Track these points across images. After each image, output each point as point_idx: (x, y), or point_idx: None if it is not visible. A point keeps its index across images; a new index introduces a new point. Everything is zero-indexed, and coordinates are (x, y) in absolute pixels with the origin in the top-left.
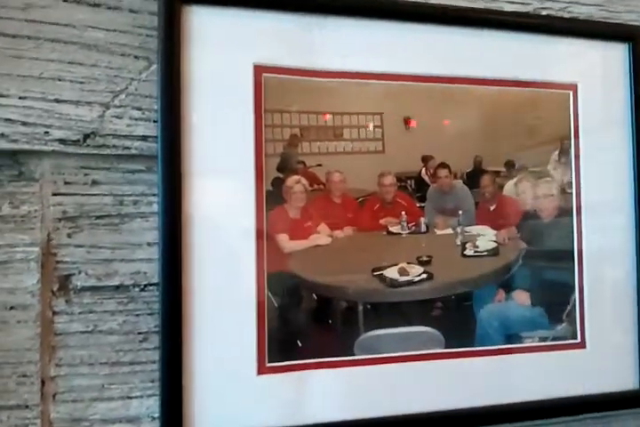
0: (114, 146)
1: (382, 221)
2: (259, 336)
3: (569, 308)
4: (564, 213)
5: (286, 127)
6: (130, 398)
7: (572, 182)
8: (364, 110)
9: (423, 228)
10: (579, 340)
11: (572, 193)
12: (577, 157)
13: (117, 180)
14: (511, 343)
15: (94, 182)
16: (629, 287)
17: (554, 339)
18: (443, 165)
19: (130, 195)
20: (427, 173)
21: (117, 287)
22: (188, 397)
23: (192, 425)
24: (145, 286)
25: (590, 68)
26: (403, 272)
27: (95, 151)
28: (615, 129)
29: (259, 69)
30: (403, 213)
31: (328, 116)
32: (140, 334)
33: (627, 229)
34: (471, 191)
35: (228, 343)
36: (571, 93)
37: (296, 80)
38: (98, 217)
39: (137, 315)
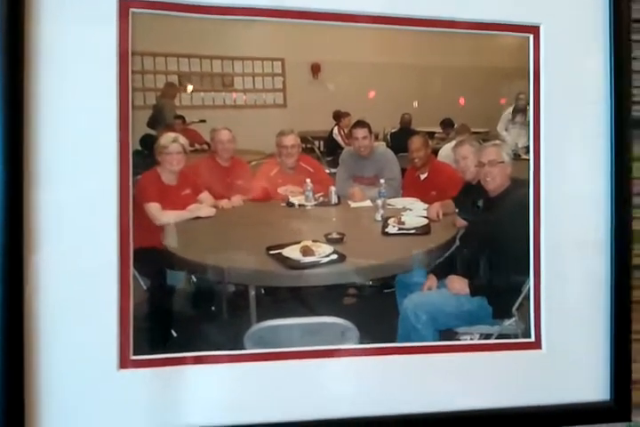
0: None
1: (281, 190)
2: (121, 323)
3: (520, 299)
4: (518, 184)
5: (161, 74)
6: None
7: (528, 147)
8: (260, 54)
9: (334, 199)
10: (533, 339)
11: (529, 160)
12: (537, 115)
13: None
14: (444, 340)
15: None
16: (602, 275)
17: (500, 336)
18: (361, 124)
19: None
20: (340, 133)
21: None
22: (32, 393)
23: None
24: None
25: (558, 4)
26: (306, 252)
27: None
28: (589, 81)
29: (125, 3)
30: (308, 180)
31: (215, 62)
32: None
33: (600, 205)
34: (397, 156)
35: (83, 330)
36: (531, 37)
37: (174, 17)
38: None
39: None
